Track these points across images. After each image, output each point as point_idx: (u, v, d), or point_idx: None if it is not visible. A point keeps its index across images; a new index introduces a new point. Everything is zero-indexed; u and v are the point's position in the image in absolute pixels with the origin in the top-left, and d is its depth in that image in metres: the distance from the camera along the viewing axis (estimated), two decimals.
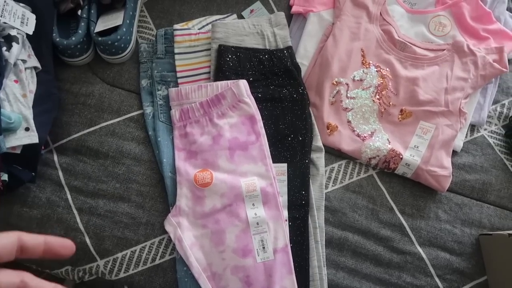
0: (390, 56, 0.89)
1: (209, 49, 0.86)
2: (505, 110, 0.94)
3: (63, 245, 0.35)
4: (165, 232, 0.77)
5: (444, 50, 0.89)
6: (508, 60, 0.91)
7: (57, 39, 0.82)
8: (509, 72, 0.95)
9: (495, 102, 0.94)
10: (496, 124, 0.93)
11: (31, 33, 0.77)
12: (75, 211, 0.78)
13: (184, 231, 0.75)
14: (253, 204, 0.76)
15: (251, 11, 0.94)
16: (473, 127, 0.91)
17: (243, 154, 0.78)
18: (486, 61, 0.87)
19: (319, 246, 0.77)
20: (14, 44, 0.74)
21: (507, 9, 0.99)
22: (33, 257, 0.34)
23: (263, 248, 0.74)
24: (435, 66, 0.88)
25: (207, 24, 0.89)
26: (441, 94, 0.86)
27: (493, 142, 0.90)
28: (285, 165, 0.80)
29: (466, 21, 0.92)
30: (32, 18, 0.78)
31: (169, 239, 0.77)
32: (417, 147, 0.84)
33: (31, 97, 0.76)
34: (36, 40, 0.80)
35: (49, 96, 0.81)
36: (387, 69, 0.88)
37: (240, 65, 0.84)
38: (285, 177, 0.80)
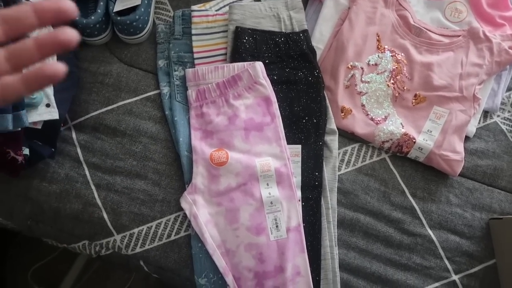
0: (405, 41, 0.89)
1: (226, 31, 0.87)
2: None
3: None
4: (181, 209, 0.78)
5: (459, 36, 0.89)
6: None
7: (77, 18, 0.83)
8: None
9: (509, 89, 0.94)
10: (509, 111, 0.93)
11: None
12: (93, 187, 0.80)
13: (199, 209, 0.77)
14: (267, 184, 0.77)
15: None
16: (486, 113, 0.92)
17: (258, 134, 0.80)
18: (501, 48, 0.87)
19: (331, 226, 0.79)
20: None
21: None
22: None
23: (277, 226, 0.76)
24: (450, 52, 0.88)
25: (224, 6, 0.90)
26: (455, 79, 0.86)
27: (506, 129, 0.91)
28: (299, 146, 0.82)
29: (482, 7, 0.92)
30: None
31: (184, 216, 0.79)
32: (431, 131, 0.84)
33: None
34: None
35: (69, 74, 0.81)
36: (402, 54, 0.89)
37: (257, 47, 0.85)
38: (299, 158, 0.81)
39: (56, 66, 0.28)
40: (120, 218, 0.79)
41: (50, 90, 0.76)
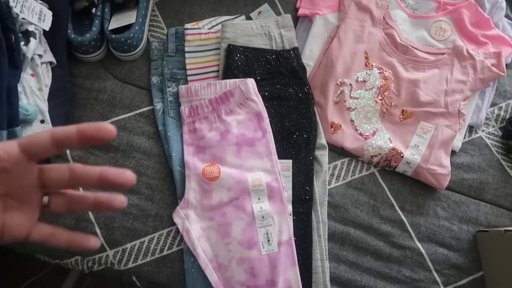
0: (392, 59, 0.92)
1: (218, 48, 0.89)
2: (502, 113, 0.97)
3: (98, 128, 0.31)
4: (173, 224, 0.79)
5: (444, 54, 0.92)
6: (506, 65, 0.95)
7: (72, 36, 0.84)
8: (507, 76, 0.98)
9: (493, 104, 0.97)
10: (493, 126, 0.96)
11: (47, 29, 0.80)
12: None
13: (191, 223, 0.78)
14: (259, 198, 0.79)
15: (259, 12, 0.97)
16: (471, 128, 0.95)
17: (250, 150, 0.81)
18: (484, 65, 0.90)
19: (322, 240, 0.80)
20: (31, 39, 0.76)
21: (505, 16, 1.02)
22: (72, 147, 0.32)
23: (268, 240, 0.77)
24: (435, 69, 0.91)
25: (216, 24, 0.92)
26: (441, 96, 0.89)
27: (490, 143, 0.94)
28: (290, 161, 0.83)
29: (466, 26, 0.96)
30: (49, 15, 0.81)
31: (177, 231, 0.80)
32: (418, 146, 0.87)
33: (46, 90, 0.79)
34: (52, 36, 0.82)
35: (63, 90, 0.83)
36: (390, 71, 0.91)
37: (248, 64, 0.87)
38: (290, 173, 0.83)
39: (94, 243, 0.36)
40: (113, 233, 0.79)
41: (45, 107, 0.77)
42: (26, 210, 0.33)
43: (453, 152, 0.90)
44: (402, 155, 0.85)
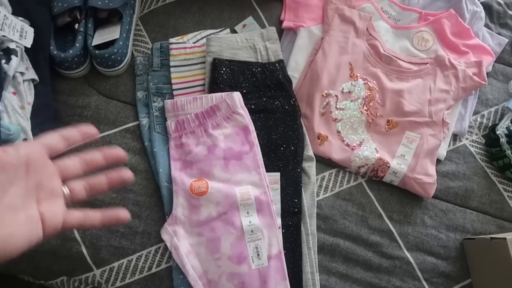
0: (376, 69, 0.93)
1: (203, 62, 0.89)
2: (484, 121, 0.99)
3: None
4: (161, 241, 0.78)
5: (427, 63, 0.94)
6: (487, 73, 0.97)
7: (55, 52, 0.83)
8: (488, 85, 1.01)
9: (476, 113, 0.99)
10: (476, 134, 0.98)
11: (29, 46, 0.79)
12: None
13: (180, 240, 0.77)
14: (248, 212, 0.78)
15: (244, 26, 0.97)
16: (455, 137, 0.96)
17: (237, 163, 0.81)
18: (466, 74, 0.92)
19: (312, 252, 0.80)
20: (13, 57, 0.75)
21: (484, 26, 1.04)
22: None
23: (258, 255, 0.76)
24: (419, 79, 0.93)
25: (201, 38, 0.92)
26: (425, 105, 0.90)
27: (474, 151, 0.95)
28: (278, 174, 0.83)
29: (447, 36, 0.98)
30: (30, 32, 0.80)
31: (165, 248, 0.79)
32: (404, 156, 0.88)
33: (29, 108, 0.78)
34: (34, 53, 0.81)
35: (47, 107, 0.82)
36: (374, 81, 0.92)
37: (234, 77, 0.87)
38: (278, 186, 0.83)
39: (124, 215, 0.40)
40: (100, 252, 0.78)
41: (27, 125, 0.75)
42: (56, 200, 0.37)
43: (438, 161, 0.91)
44: (388, 165, 0.86)
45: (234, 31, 0.97)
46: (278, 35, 0.94)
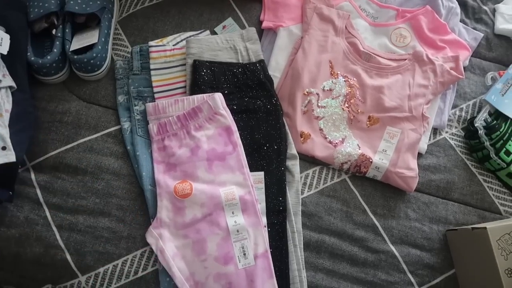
0: (356, 67, 0.94)
1: (184, 65, 0.89)
2: (463, 114, 1.01)
3: None
4: (147, 244, 0.78)
5: (405, 59, 0.95)
6: (464, 68, 0.99)
7: (32, 58, 0.82)
8: (465, 79, 1.02)
9: (454, 106, 1.01)
10: (456, 127, 0.99)
11: (5, 53, 0.78)
12: (54, 228, 0.78)
13: (165, 242, 0.76)
14: (233, 212, 0.78)
15: (224, 27, 0.97)
16: (435, 131, 0.98)
17: (221, 164, 0.81)
18: (444, 69, 0.94)
19: (298, 249, 0.80)
20: None
21: (460, 21, 1.06)
22: None
23: (244, 254, 0.77)
24: (398, 75, 0.94)
25: (181, 40, 0.92)
26: (404, 100, 0.91)
27: (454, 144, 0.97)
28: (262, 173, 0.83)
29: (424, 32, 0.99)
30: (6, 38, 0.79)
31: (151, 251, 0.78)
32: (385, 151, 0.89)
33: (7, 116, 0.77)
34: (11, 60, 0.80)
35: (25, 115, 0.81)
36: (354, 78, 0.93)
37: (215, 79, 0.87)
38: (263, 185, 0.83)
39: None
40: (84, 258, 0.77)
41: (6, 133, 0.74)
42: None
43: (419, 155, 0.93)
44: (371, 160, 0.87)
45: (214, 33, 0.97)
46: (258, 36, 0.94)
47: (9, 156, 0.73)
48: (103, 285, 0.76)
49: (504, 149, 0.90)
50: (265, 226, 0.80)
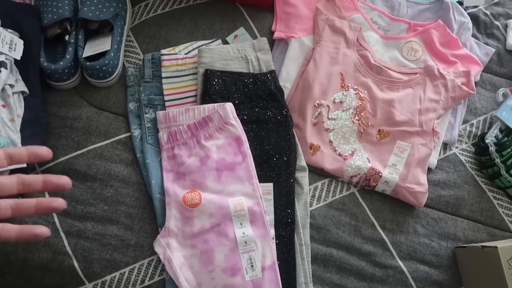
0: (367, 79, 0.94)
1: (195, 73, 0.89)
2: (474, 129, 1.00)
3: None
4: (154, 253, 0.78)
5: (416, 73, 0.95)
6: (475, 83, 0.98)
7: (45, 64, 0.83)
8: (476, 94, 1.02)
9: (465, 122, 1.00)
10: (466, 142, 0.99)
11: (19, 58, 0.78)
12: (62, 235, 0.78)
13: (173, 252, 0.76)
14: (241, 223, 0.78)
15: (235, 36, 0.97)
16: (445, 146, 0.97)
17: (230, 174, 0.81)
18: (455, 84, 0.93)
19: (305, 262, 0.80)
20: (2, 69, 0.75)
21: (472, 36, 1.06)
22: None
23: (252, 266, 0.76)
24: (409, 88, 0.94)
25: (193, 49, 0.92)
26: (415, 115, 0.91)
27: (464, 159, 0.96)
28: (271, 184, 0.83)
29: (435, 46, 0.99)
30: (20, 44, 0.79)
31: (158, 260, 0.78)
32: (395, 165, 0.88)
33: (18, 121, 0.77)
34: (24, 65, 0.80)
35: (37, 120, 0.81)
36: (365, 91, 0.93)
37: (226, 88, 0.88)
38: (271, 196, 0.83)
39: (41, 230, 0.40)
40: (92, 265, 0.77)
41: (17, 138, 0.74)
42: None
43: (429, 170, 0.92)
44: (380, 174, 0.87)
45: (225, 42, 0.97)
46: (270, 46, 0.94)
47: None
48: None
49: None
50: (273, 238, 0.79)
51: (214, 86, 0.86)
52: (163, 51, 0.89)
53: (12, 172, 0.73)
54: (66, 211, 0.79)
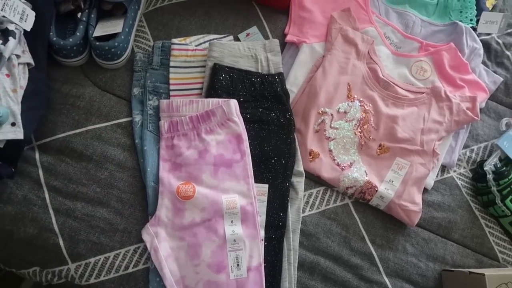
0: (373, 93, 0.94)
1: (203, 66, 0.88)
2: (473, 155, 1.00)
3: None
4: (141, 241, 0.77)
5: (423, 93, 0.95)
6: (480, 110, 0.98)
7: (54, 39, 0.82)
8: (480, 121, 1.02)
9: (465, 146, 1.00)
10: (464, 167, 0.99)
11: (29, 29, 0.77)
12: (51, 212, 0.77)
13: (161, 242, 0.75)
14: (232, 221, 0.78)
15: (247, 34, 0.97)
16: (444, 168, 0.97)
17: (227, 171, 0.80)
18: (460, 108, 0.93)
19: (292, 268, 0.79)
20: (10, 38, 0.74)
21: (482, 63, 1.06)
22: None
23: (238, 265, 0.76)
24: (414, 107, 0.94)
25: (204, 42, 0.92)
26: (417, 134, 0.91)
27: (461, 184, 0.96)
28: (266, 186, 0.83)
29: (445, 68, 0.99)
30: (31, 15, 0.78)
31: (144, 248, 0.77)
32: (392, 181, 0.88)
33: (21, 92, 0.76)
34: (33, 37, 0.80)
35: (39, 93, 0.80)
36: (370, 104, 0.93)
37: (232, 85, 0.87)
38: (265, 198, 0.82)
39: None
40: (77, 246, 0.76)
41: (17, 109, 0.73)
42: None
43: (425, 190, 0.92)
44: (376, 189, 0.86)
45: (237, 39, 0.97)
46: (281, 48, 0.94)
47: (17, 133, 0.72)
48: (92, 275, 0.75)
49: (510, 196, 0.90)
50: (262, 240, 0.79)
51: (221, 81, 0.86)
52: (174, 40, 0.89)
53: (8, 144, 0.72)
54: (58, 188, 0.79)
